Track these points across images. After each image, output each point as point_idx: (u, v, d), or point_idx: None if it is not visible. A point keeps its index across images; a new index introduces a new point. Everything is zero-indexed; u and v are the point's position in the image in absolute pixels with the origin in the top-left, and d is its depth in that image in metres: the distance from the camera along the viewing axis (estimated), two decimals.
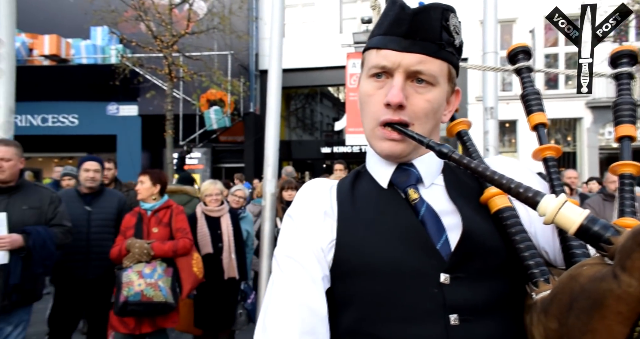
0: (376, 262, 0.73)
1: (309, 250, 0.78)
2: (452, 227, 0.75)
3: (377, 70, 0.78)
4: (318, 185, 0.87)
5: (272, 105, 3.70)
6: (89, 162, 3.51)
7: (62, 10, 12.32)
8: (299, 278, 0.76)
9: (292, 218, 0.83)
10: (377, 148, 0.81)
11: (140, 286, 2.76)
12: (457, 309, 0.69)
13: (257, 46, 13.61)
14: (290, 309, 0.73)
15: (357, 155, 14.16)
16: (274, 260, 0.82)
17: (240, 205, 4.38)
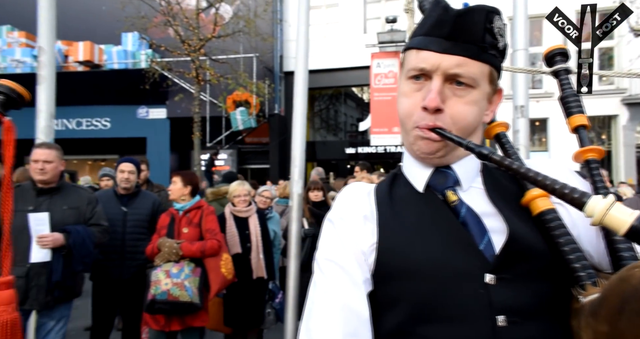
0: (419, 264, 0.74)
1: (350, 254, 0.79)
2: (494, 229, 0.75)
3: (416, 72, 0.78)
4: (357, 190, 0.88)
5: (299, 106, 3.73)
6: (124, 163, 3.63)
7: (95, 17, 12.76)
8: (341, 281, 0.77)
9: (333, 222, 0.84)
10: (414, 147, 0.81)
11: (167, 285, 2.83)
12: (504, 310, 0.69)
13: (282, 48, 13.72)
14: (333, 312, 0.74)
15: (381, 155, 14.07)
16: (316, 263, 0.83)
17: (268, 205, 4.44)
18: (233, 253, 3.53)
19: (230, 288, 3.47)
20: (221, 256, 3.24)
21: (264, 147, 13.81)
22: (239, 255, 3.59)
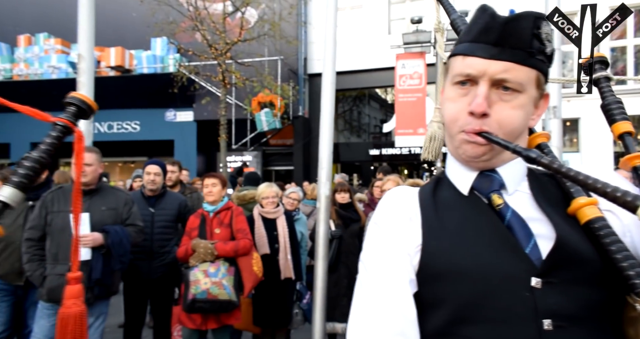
0: (465, 266, 0.75)
1: (395, 255, 0.81)
2: (540, 234, 0.75)
3: (462, 78, 0.80)
4: (401, 193, 0.90)
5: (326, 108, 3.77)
6: (150, 165, 3.74)
7: (126, 23, 13.17)
8: (387, 282, 0.79)
9: (378, 224, 0.86)
10: (459, 151, 0.82)
11: (206, 284, 2.91)
12: (550, 314, 0.69)
13: (306, 50, 13.81)
14: (380, 312, 0.77)
15: (405, 156, 13.95)
16: (361, 264, 0.85)
17: (295, 207, 4.48)
18: (261, 254, 3.59)
19: (259, 288, 3.53)
20: (252, 255, 3.31)
21: (288, 148, 13.91)
22: (267, 255, 3.65)
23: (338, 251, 4.10)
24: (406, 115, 9.87)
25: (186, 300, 2.95)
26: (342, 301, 4.03)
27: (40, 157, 0.68)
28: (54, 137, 0.69)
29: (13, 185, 0.65)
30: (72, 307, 0.68)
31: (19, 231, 3.04)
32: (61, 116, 0.70)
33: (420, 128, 9.84)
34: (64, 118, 0.70)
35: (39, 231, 2.85)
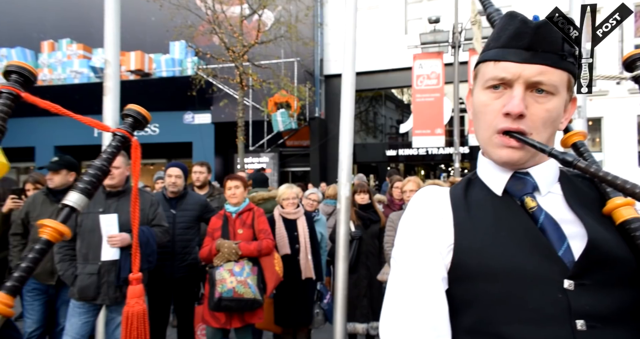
0: (497, 266, 0.76)
1: (427, 253, 0.83)
2: (573, 235, 0.76)
3: (496, 82, 0.81)
4: (432, 192, 0.92)
5: (346, 109, 3.79)
6: (171, 168, 3.82)
7: (145, 28, 13.43)
8: (419, 279, 0.81)
9: (410, 223, 0.88)
10: (495, 155, 0.83)
11: (232, 283, 2.97)
12: (583, 315, 0.70)
13: (322, 51, 13.85)
14: (413, 308, 0.79)
15: (422, 157, 13.87)
16: (392, 262, 0.88)
17: (314, 208, 4.51)
18: (282, 254, 3.63)
19: (280, 288, 3.57)
20: (273, 255, 3.36)
21: (305, 150, 13.97)
22: (288, 256, 3.69)
23: (358, 252, 4.11)
24: (423, 116, 9.82)
25: (212, 299, 3.01)
26: (362, 302, 4.04)
27: (103, 164, 0.72)
28: (114, 146, 0.74)
29: (79, 191, 0.70)
30: (135, 306, 0.73)
31: None
32: (119, 127, 0.75)
33: (438, 128, 9.78)
34: (122, 128, 0.75)
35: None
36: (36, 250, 0.65)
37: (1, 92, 0.72)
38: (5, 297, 0.60)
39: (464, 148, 11.34)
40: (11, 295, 0.61)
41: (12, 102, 0.72)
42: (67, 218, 0.68)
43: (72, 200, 0.69)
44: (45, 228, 0.65)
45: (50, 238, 0.66)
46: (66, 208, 0.69)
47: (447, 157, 13.07)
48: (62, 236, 0.66)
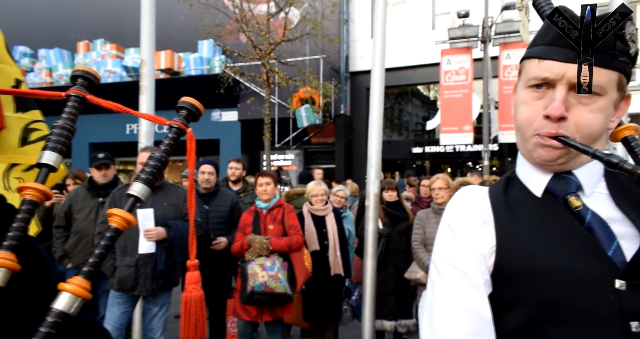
0: (544, 268, 0.75)
1: (469, 257, 0.82)
2: (622, 235, 0.74)
3: (538, 82, 0.79)
4: (472, 193, 0.90)
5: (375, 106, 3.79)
6: (204, 165, 3.92)
7: (175, 27, 13.72)
8: (461, 284, 0.80)
9: (450, 225, 0.87)
10: (534, 155, 0.81)
11: (264, 277, 3.03)
12: (637, 316, 0.69)
13: (348, 48, 13.82)
14: (456, 313, 0.78)
15: (449, 154, 13.67)
16: (432, 265, 0.87)
17: (342, 205, 4.53)
18: (311, 251, 3.67)
19: (309, 284, 3.61)
20: (303, 251, 3.40)
21: (330, 147, 14.00)
22: (317, 252, 3.72)
23: (386, 250, 4.11)
24: (451, 112, 9.67)
25: (244, 292, 3.08)
26: (390, 299, 4.04)
27: (162, 156, 0.76)
28: (170, 138, 0.78)
29: (142, 181, 0.74)
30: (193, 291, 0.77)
31: (91, 226, 3.28)
32: (175, 119, 0.79)
33: (466, 125, 9.61)
34: (177, 121, 0.78)
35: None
36: (107, 237, 0.69)
37: (70, 95, 0.77)
38: (83, 281, 0.65)
39: (493, 145, 11.10)
40: (88, 280, 0.65)
41: (79, 104, 0.77)
42: (132, 208, 0.73)
43: (136, 190, 0.73)
44: (114, 217, 0.70)
45: (119, 227, 0.70)
46: (131, 198, 0.73)
47: (475, 154, 12.84)
48: (129, 225, 0.71)
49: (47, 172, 0.72)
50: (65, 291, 0.64)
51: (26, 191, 0.68)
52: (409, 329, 4.04)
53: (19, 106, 1.26)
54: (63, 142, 0.74)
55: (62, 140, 0.73)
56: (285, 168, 13.67)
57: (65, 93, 0.78)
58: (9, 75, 1.29)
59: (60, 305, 0.63)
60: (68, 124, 0.75)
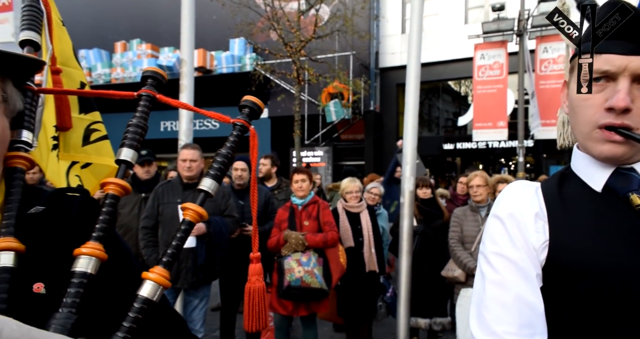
0: (601, 264, 0.74)
1: (521, 249, 0.81)
2: None
3: (598, 75, 0.78)
4: (524, 187, 0.90)
5: (410, 104, 3.76)
6: (237, 161, 4.01)
7: (207, 26, 13.98)
8: (513, 275, 0.80)
9: (501, 218, 0.86)
10: (596, 151, 0.80)
11: (300, 273, 3.07)
12: None
13: (378, 44, 13.71)
14: (507, 304, 0.78)
15: (481, 151, 13.37)
16: (482, 257, 0.87)
17: (376, 202, 4.53)
18: (346, 247, 3.69)
19: (344, 281, 3.63)
20: (338, 247, 3.43)
21: (359, 143, 13.95)
22: (352, 248, 3.74)
23: (420, 247, 4.08)
24: (485, 108, 9.44)
25: (281, 287, 3.13)
26: (424, 297, 4.02)
27: (228, 152, 0.80)
28: (235, 135, 0.81)
29: (211, 177, 0.78)
30: (256, 282, 0.80)
31: (135, 220, 3.41)
32: (238, 117, 0.82)
33: (501, 121, 9.37)
34: (241, 119, 0.82)
35: (152, 220, 3.18)
36: (182, 230, 0.73)
37: (141, 95, 0.82)
38: (163, 271, 0.69)
39: (529, 141, 10.77)
40: (167, 269, 0.70)
41: (149, 103, 0.82)
42: (204, 202, 0.77)
43: (206, 185, 0.77)
44: (188, 210, 0.74)
45: (192, 219, 0.74)
46: (202, 193, 0.77)
47: (508, 150, 12.50)
48: (201, 218, 0.75)
49: (125, 168, 0.77)
50: (149, 280, 0.69)
51: (109, 186, 0.73)
52: (444, 327, 4.00)
53: (82, 108, 1.34)
54: (138, 139, 0.78)
55: (137, 137, 0.78)
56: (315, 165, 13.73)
57: (137, 93, 0.83)
58: (75, 78, 1.37)
59: (145, 292, 0.67)
60: (141, 122, 0.80)
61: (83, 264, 0.65)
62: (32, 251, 0.66)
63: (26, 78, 0.79)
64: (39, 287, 0.65)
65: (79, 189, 0.80)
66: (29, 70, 0.77)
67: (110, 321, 0.66)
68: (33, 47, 0.87)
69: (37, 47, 0.87)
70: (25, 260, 0.65)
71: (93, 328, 0.65)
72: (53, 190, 0.78)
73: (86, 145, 1.37)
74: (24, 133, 0.79)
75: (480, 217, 3.49)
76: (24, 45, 0.87)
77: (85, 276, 0.65)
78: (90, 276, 0.65)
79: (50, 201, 0.74)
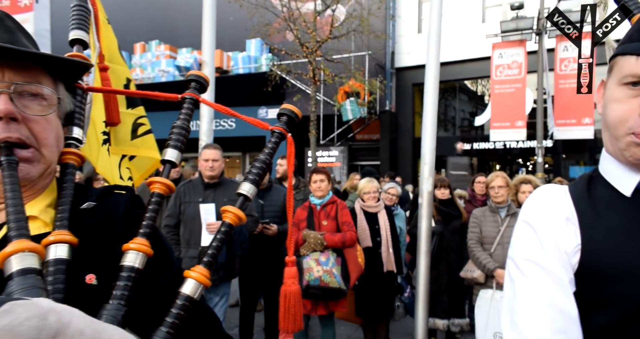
0: (635, 267, 0.74)
1: (552, 254, 0.81)
2: None
3: (634, 79, 0.77)
4: (552, 191, 0.89)
5: (429, 104, 3.76)
6: None
7: (224, 27, 14.12)
8: (545, 281, 0.80)
9: (530, 223, 0.86)
10: (626, 154, 0.80)
11: (319, 272, 3.10)
12: None
13: (394, 44, 13.66)
14: (540, 310, 0.78)
15: (498, 151, 13.20)
16: (511, 263, 0.87)
17: (393, 202, 4.53)
18: (364, 247, 3.71)
19: (362, 280, 3.64)
20: (356, 247, 3.45)
21: (375, 143, 13.92)
22: (370, 248, 3.75)
23: (439, 248, 4.08)
24: (503, 107, 9.33)
25: (300, 286, 3.16)
26: (442, 298, 4.01)
27: (266, 158, 0.83)
28: (273, 141, 0.84)
29: (250, 181, 0.81)
30: (291, 285, 0.83)
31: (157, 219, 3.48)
32: (277, 125, 0.85)
33: (519, 120, 9.24)
34: (279, 126, 0.85)
35: (174, 219, 3.25)
36: (222, 231, 0.77)
37: (185, 98, 0.85)
38: (203, 270, 0.73)
39: (547, 141, 10.60)
40: (208, 269, 0.73)
41: (193, 105, 0.86)
42: (243, 205, 0.80)
43: (245, 190, 0.80)
44: (227, 213, 0.77)
45: (232, 222, 0.77)
46: (241, 197, 0.80)
47: (526, 151, 12.32)
48: (240, 220, 0.78)
49: (170, 168, 0.81)
50: (190, 278, 0.72)
51: (154, 185, 0.77)
52: (462, 329, 3.99)
53: (129, 103, 1.40)
54: (182, 140, 0.82)
55: (181, 138, 0.82)
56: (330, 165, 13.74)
57: (181, 96, 0.87)
58: (121, 75, 1.44)
59: (187, 290, 0.70)
60: (185, 124, 0.84)
61: (131, 258, 0.68)
62: (83, 244, 0.70)
63: (76, 80, 0.83)
64: (91, 278, 0.69)
65: (124, 187, 0.85)
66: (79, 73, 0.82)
67: (149, 316, 0.69)
68: (82, 45, 0.91)
69: (85, 46, 0.91)
70: (77, 252, 0.68)
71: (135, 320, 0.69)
72: (102, 187, 0.82)
73: (134, 139, 1.44)
74: (75, 130, 0.83)
75: (499, 218, 3.47)
76: (74, 44, 0.91)
77: (133, 270, 0.68)
78: (137, 271, 0.68)
79: (100, 197, 0.78)
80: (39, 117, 0.72)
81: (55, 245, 0.66)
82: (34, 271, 0.57)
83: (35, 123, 0.71)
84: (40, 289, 0.55)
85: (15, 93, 0.69)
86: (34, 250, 0.59)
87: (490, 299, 3.20)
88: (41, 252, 0.61)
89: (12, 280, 0.55)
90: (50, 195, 0.76)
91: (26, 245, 0.58)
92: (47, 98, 0.73)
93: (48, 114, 0.73)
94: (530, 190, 3.55)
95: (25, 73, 0.70)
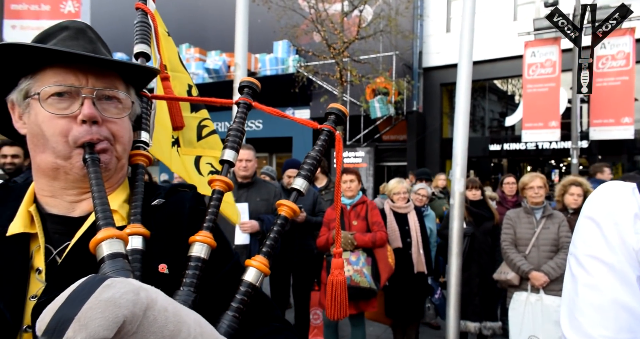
0: None
1: (619, 252, 0.81)
2: None
3: None
4: (620, 188, 0.88)
5: (462, 104, 3.72)
6: (290, 169, 4.15)
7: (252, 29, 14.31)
8: (609, 278, 0.79)
9: (595, 220, 0.85)
10: None
11: (349, 272, 3.12)
12: None
13: (421, 44, 13.52)
14: (603, 307, 0.78)
15: (529, 152, 12.85)
16: (574, 260, 0.87)
17: (423, 203, 4.50)
18: (394, 247, 3.70)
19: (392, 281, 3.64)
20: (386, 247, 3.45)
21: (402, 144, 13.80)
22: (400, 249, 3.74)
23: (470, 249, 4.02)
24: (536, 107, 9.09)
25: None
26: (474, 300, 3.95)
27: (317, 155, 0.87)
28: (322, 139, 0.88)
29: (302, 176, 0.85)
30: (338, 276, 0.87)
31: None
32: (326, 123, 0.89)
33: (553, 121, 8.98)
34: (328, 124, 0.88)
35: None
36: (278, 224, 0.81)
37: (239, 103, 0.91)
38: (263, 259, 0.77)
39: (583, 142, 10.25)
40: (267, 258, 0.78)
41: (247, 110, 0.92)
42: (296, 199, 0.84)
43: (298, 184, 0.84)
44: (283, 206, 0.81)
45: (287, 215, 0.81)
46: (294, 192, 0.84)
47: (559, 152, 11.94)
48: (294, 214, 0.82)
49: (228, 167, 0.87)
50: (252, 267, 0.77)
51: (215, 183, 0.83)
52: (494, 332, 3.92)
53: (192, 107, 1.48)
54: (238, 142, 0.88)
55: (238, 140, 0.88)
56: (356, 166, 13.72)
57: (235, 101, 0.94)
58: (184, 81, 1.52)
59: (250, 277, 0.76)
60: (240, 127, 0.90)
61: (198, 249, 0.75)
62: (155, 237, 0.77)
63: (144, 85, 0.91)
64: (163, 267, 0.75)
65: (187, 185, 0.91)
66: (147, 79, 0.89)
67: (213, 302, 0.75)
68: (145, 58, 0.99)
69: (147, 58, 0.99)
70: (150, 244, 0.76)
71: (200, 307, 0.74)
72: (168, 185, 0.89)
73: (200, 140, 1.52)
74: (143, 134, 0.91)
75: (535, 219, 3.40)
76: (138, 56, 0.99)
77: (200, 260, 0.74)
78: (203, 261, 0.75)
79: (168, 195, 0.85)
80: (117, 119, 0.79)
81: (131, 237, 0.73)
82: (121, 256, 0.63)
83: (113, 124, 0.79)
84: (128, 271, 0.61)
85: (96, 98, 0.76)
86: (120, 237, 0.65)
87: (524, 302, 3.13)
88: (126, 239, 0.68)
89: (104, 263, 0.62)
90: (124, 192, 0.83)
91: (114, 233, 0.65)
92: (122, 102, 0.81)
93: (124, 116, 0.81)
94: (579, 192, 3.45)
95: (104, 79, 0.78)
